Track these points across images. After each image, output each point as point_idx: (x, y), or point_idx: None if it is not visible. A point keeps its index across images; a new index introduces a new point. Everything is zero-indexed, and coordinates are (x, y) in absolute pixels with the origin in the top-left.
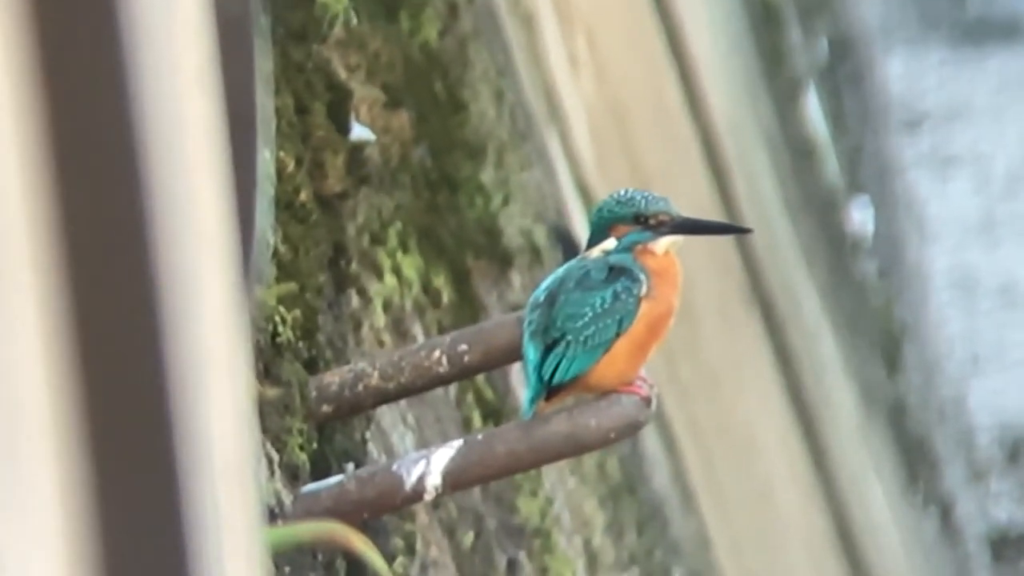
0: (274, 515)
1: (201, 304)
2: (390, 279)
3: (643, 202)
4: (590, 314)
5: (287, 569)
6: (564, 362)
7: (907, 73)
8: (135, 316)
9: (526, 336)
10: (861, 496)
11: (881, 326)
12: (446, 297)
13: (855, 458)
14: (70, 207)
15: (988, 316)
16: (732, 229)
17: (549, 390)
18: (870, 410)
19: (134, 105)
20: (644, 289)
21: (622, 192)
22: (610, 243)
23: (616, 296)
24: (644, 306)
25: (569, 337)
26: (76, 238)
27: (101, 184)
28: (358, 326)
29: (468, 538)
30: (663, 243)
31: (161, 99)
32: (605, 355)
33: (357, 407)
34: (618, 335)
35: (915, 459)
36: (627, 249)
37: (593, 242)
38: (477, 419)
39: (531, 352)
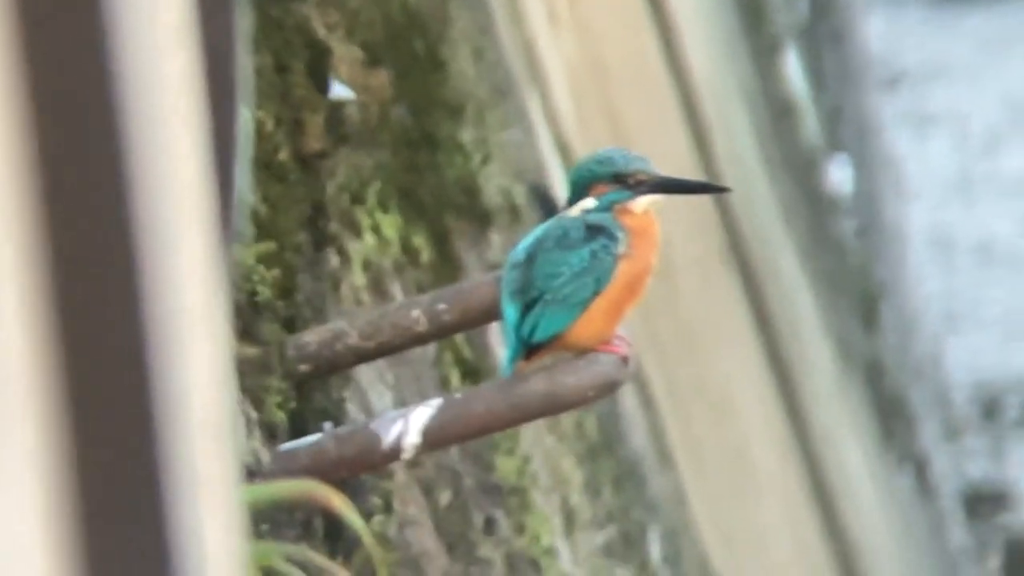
0: (252, 473)
1: (180, 262)
2: (369, 238)
3: (622, 161)
4: (568, 273)
5: (265, 527)
6: (543, 321)
7: (887, 32)
8: (114, 274)
9: (504, 295)
10: (837, 454)
11: (858, 284)
12: (425, 256)
13: (831, 416)
14: (47, 165)
15: (965, 274)
16: (711, 188)
17: (528, 349)
18: (847, 368)
19: (112, 61)
20: (622, 248)
21: (601, 151)
22: (589, 202)
23: (594, 255)
24: (622, 265)
25: (547, 296)
26: (54, 196)
27: (79, 142)
28: (337, 285)
29: (446, 496)
30: (642, 202)
31: (140, 57)
32: (583, 314)
33: (336, 366)
34: (596, 294)
35: (891, 417)
36: (606, 208)
37: (572, 201)
38: (456, 378)
39: (510, 311)
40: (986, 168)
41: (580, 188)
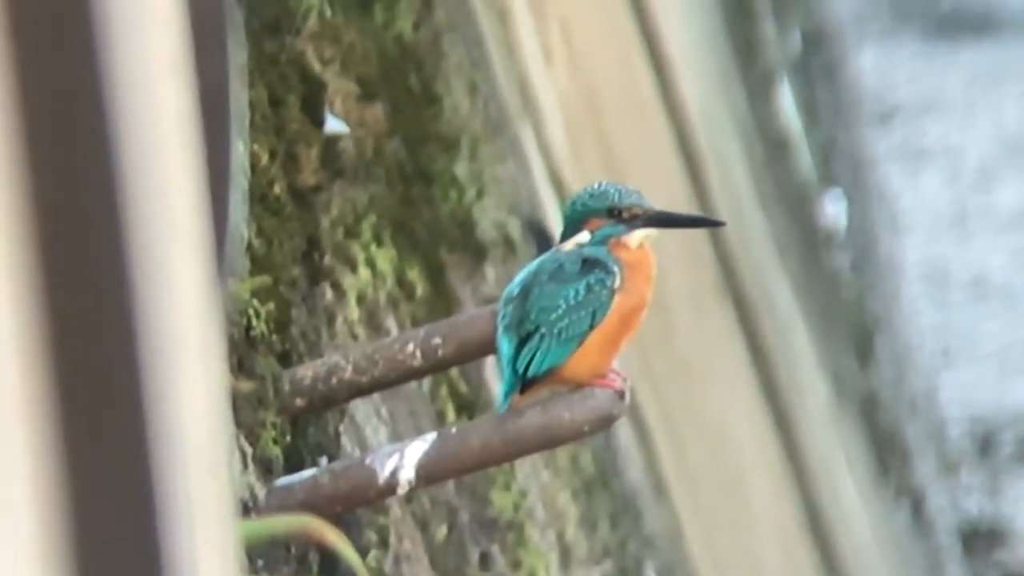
0: (247, 508)
1: (175, 297)
2: (364, 272)
3: (616, 195)
4: (564, 306)
5: (260, 562)
6: (538, 354)
7: (879, 66)
8: (108, 308)
9: (500, 330)
10: (833, 487)
11: (853, 318)
12: (420, 290)
13: (827, 450)
14: (43, 198)
15: (959, 309)
16: (706, 223)
17: (523, 383)
18: (842, 402)
19: (108, 96)
20: (617, 281)
21: (595, 185)
22: (584, 236)
23: (589, 288)
24: (617, 299)
25: (543, 330)
26: (48, 229)
27: (74, 175)
28: (332, 319)
29: (441, 531)
30: (636, 236)
31: (135, 90)
32: (579, 347)
33: (331, 400)
34: (592, 327)
35: (886, 451)
36: (600, 242)
37: (567, 235)
38: (451, 412)
39: (505, 346)
40: (980, 202)
41: (575, 222)
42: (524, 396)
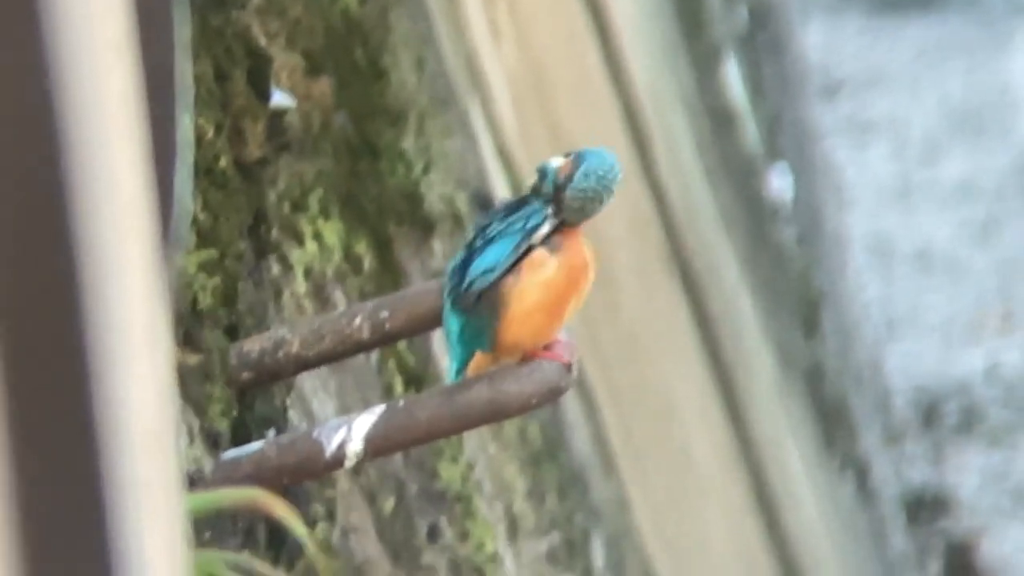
0: (194, 481)
1: (121, 271)
2: (311, 246)
3: (581, 192)
4: (495, 223)
5: (208, 535)
6: (473, 263)
7: (826, 41)
8: (54, 284)
9: (447, 305)
10: (779, 459)
11: (799, 291)
12: (367, 264)
13: (773, 422)
14: None
15: (904, 281)
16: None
17: (465, 294)
18: (788, 374)
19: (51, 72)
20: (550, 209)
21: (604, 173)
22: (552, 163)
23: (520, 203)
24: (558, 258)
25: (478, 244)
26: None
27: (18, 152)
28: (279, 293)
29: (389, 504)
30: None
31: (79, 65)
32: (518, 308)
33: (278, 374)
34: (526, 231)
35: (832, 422)
36: (547, 181)
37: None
38: (399, 386)
39: (452, 322)
40: (925, 176)
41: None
42: (474, 369)
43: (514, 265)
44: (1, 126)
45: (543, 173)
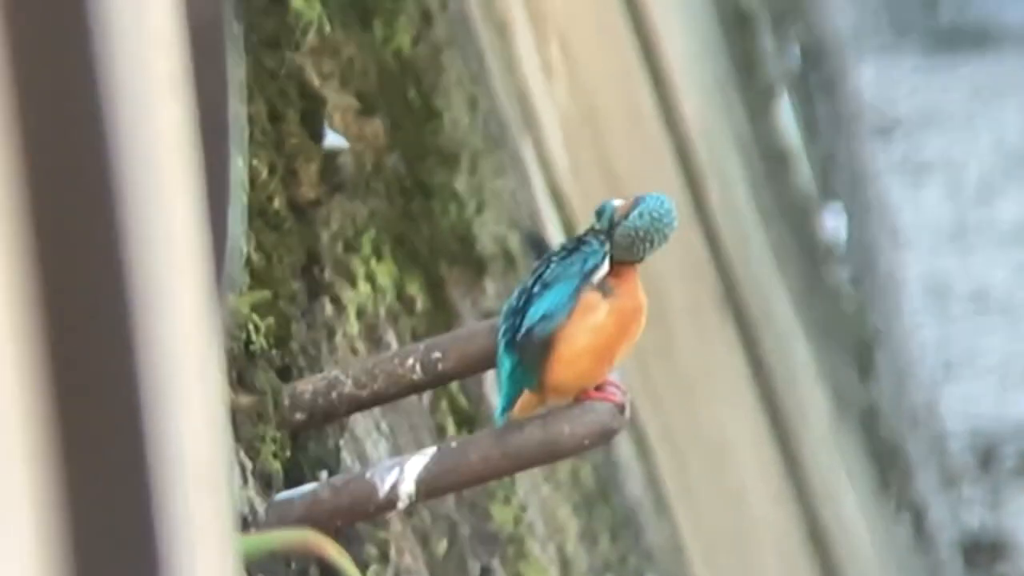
0: (247, 523)
1: (174, 311)
2: (364, 286)
3: (632, 232)
4: (553, 265)
5: None
6: (531, 309)
7: (879, 80)
8: (107, 323)
9: (501, 345)
10: (833, 502)
11: (854, 332)
12: (420, 304)
13: (827, 464)
14: (42, 214)
15: (960, 322)
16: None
17: (519, 343)
18: (842, 416)
19: (106, 112)
20: (608, 246)
21: (660, 218)
22: (614, 203)
23: (580, 242)
24: (611, 303)
25: (535, 290)
26: (47, 247)
27: (73, 191)
28: (332, 334)
29: (442, 545)
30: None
31: (133, 106)
32: (566, 350)
33: (331, 415)
34: (582, 273)
35: (887, 465)
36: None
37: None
38: (451, 426)
39: (505, 361)
40: (981, 216)
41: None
42: (522, 409)
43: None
44: (54, 163)
45: (601, 211)
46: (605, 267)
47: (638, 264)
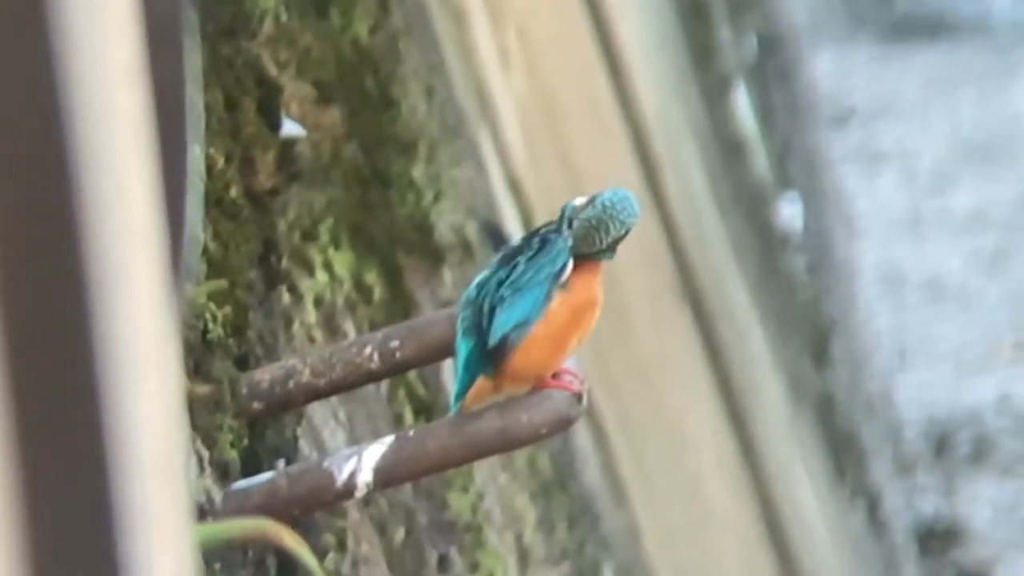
0: (204, 512)
1: (131, 301)
2: (321, 275)
3: (610, 228)
4: (520, 267)
5: (217, 566)
6: (502, 314)
7: (835, 70)
8: (63, 312)
9: (459, 333)
10: (789, 489)
11: (809, 320)
12: (378, 294)
13: (784, 451)
14: None
15: (915, 311)
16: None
17: (495, 352)
18: (798, 404)
19: (62, 100)
20: (570, 241)
21: (622, 202)
22: (577, 202)
23: (544, 242)
24: (563, 295)
25: (503, 293)
26: (3, 236)
27: (28, 180)
28: (289, 323)
29: (399, 534)
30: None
31: (89, 95)
32: (527, 340)
33: (288, 404)
34: (552, 275)
35: (843, 452)
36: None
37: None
38: (409, 415)
39: (463, 349)
40: (935, 205)
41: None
42: (476, 399)
43: None
44: (9, 151)
45: (563, 210)
46: (570, 266)
47: (601, 262)
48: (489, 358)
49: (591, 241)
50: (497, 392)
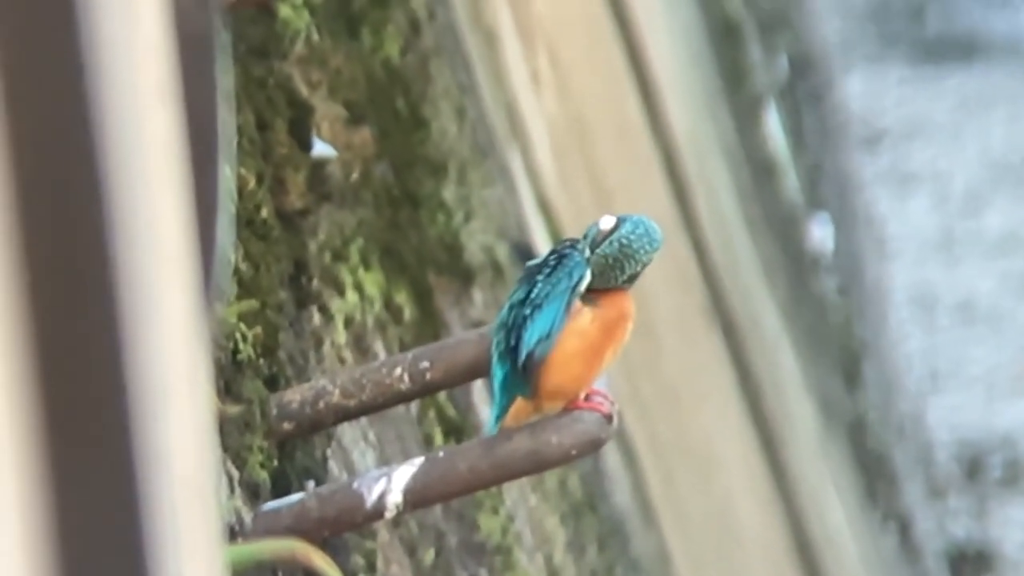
0: (234, 533)
1: (162, 321)
2: (351, 296)
3: (631, 261)
4: (540, 282)
5: None
6: (525, 333)
7: (866, 91)
8: (96, 333)
9: (494, 356)
10: (820, 512)
11: (841, 342)
12: (408, 314)
13: (814, 474)
14: (31, 222)
15: (946, 333)
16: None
17: (525, 370)
18: (829, 426)
19: (95, 121)
20: (587, 253)
21: (648, 240)
22: (605, 223)
23: (561, 257)
24: (595, 311)
25: (526, 312)
26: (36, 255)
27: (61, 201)
28: (319, 343)
29: (429, 556)
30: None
31: (122, 115)
32: (557, 355)
33: (318, 424)
34: (570, 289)
35: (874, 475)
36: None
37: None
38: (439, 436)
39: (499, 372)
40: (967, 227)
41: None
42: (515, 420)
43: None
44: (44, 171)
45: (587, 233)
46: (588, 275)
47: (626, 289)
48: (522, 378)
49: (607, 278)
50: (536, 412)
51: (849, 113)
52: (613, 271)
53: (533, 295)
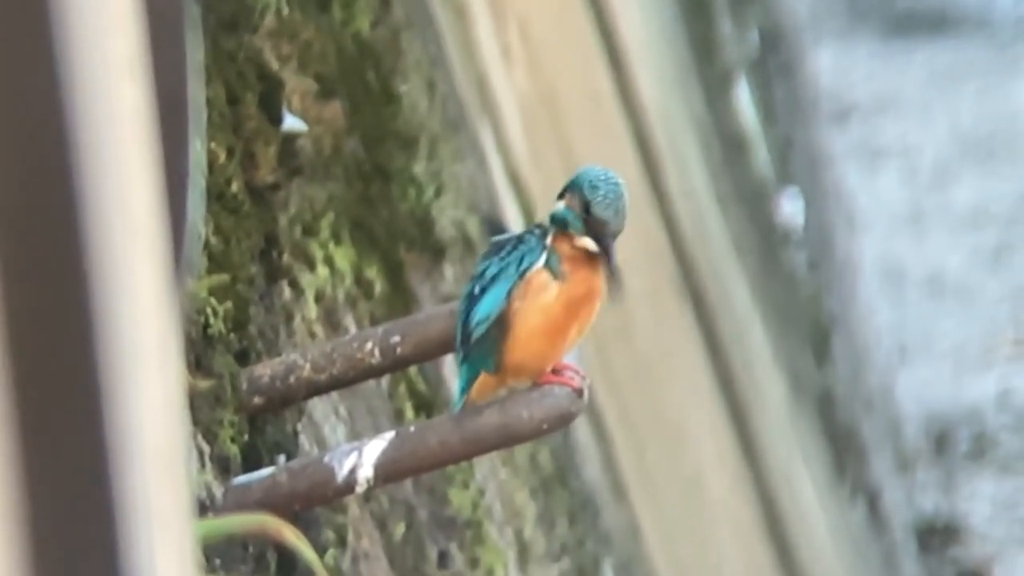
0: (205, 507)
1: (132, 295)
2: (322, 270)
3: (603, 203)
4: (494, 264)
5: (218, 561)
6: (478, 307)
7: (837, 65)
8: (65, 306)
9: (458, 329)
10: (790, 485)
11: (810, 316)
12: (378, 288)
13: (784, 447)
14: None
15: (915, 307)
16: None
17: (469, 340)
18: (799, 400)
19: (63, 95)
20: (548, 239)
21: (608, 178)
22: (559, 206)
23: (519, 242)
24: (561, 287)
25: (476, 290)
26: (4, 228)
27: (29, 174)
28: (290, 318)
29: (400, 530)
30: (585, 242)
31: (91, 89)
32: (520, 330)
33: (289, 399)
34: (520, 273)
35: (843, 449)
36: (556, 223)
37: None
38: (409, 411)
39: (461, 346)
40: (936, 201)
41: (568, 188)
42: (481, 394)
43: (520, 290)
44: (10, 145)
45: (552, 217)
46: (540, 263)
47: (600, 258)
48: (481, 353)
49: (618, 210)
50: (501, 386)
51: (819, 88)
52: (619, 202)
53: (486, 274)
